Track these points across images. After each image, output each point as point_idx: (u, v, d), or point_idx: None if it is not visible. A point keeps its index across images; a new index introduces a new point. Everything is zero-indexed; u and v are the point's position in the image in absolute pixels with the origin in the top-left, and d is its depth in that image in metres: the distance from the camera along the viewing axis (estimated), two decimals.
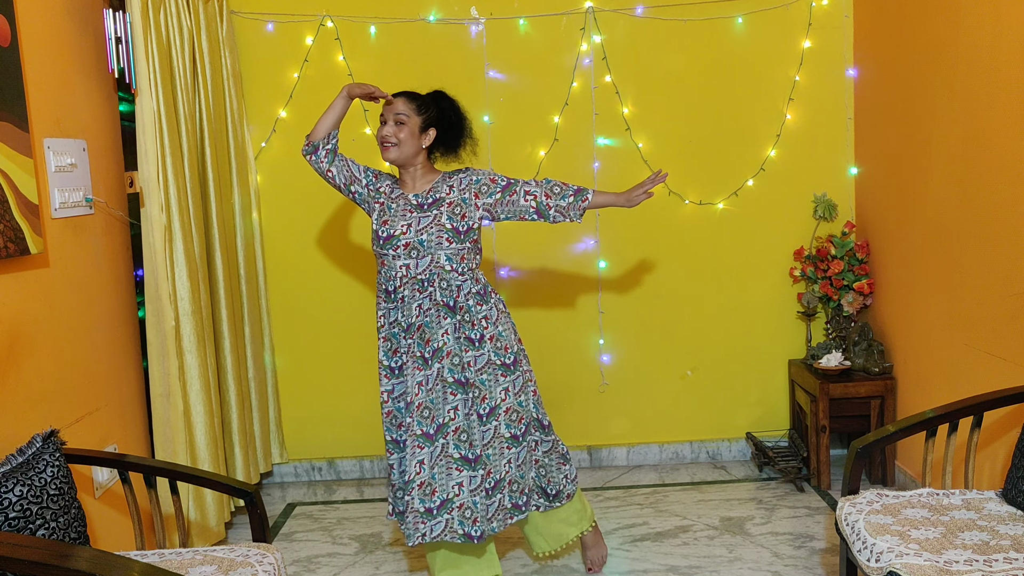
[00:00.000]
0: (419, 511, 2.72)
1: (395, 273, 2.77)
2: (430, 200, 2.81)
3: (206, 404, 3.26)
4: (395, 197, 2.85)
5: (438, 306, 2.76)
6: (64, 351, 2.77)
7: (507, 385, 2.82)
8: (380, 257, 2.81)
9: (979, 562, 2.06)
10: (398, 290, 2.78)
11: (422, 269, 2.76)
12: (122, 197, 3.26)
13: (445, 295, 2.76)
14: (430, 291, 2.76)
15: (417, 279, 2.76)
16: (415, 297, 2.76)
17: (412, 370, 2.76)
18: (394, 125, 2.80)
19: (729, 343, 4.18)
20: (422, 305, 2.76)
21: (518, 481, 2.85)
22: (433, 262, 2.75)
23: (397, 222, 2.79)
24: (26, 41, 2.61)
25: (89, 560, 1.74)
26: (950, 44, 3.13)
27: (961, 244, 3.11)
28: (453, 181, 2.84)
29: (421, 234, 2.76)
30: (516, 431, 2.82)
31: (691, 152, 4.08)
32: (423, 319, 2.76)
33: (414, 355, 2.77)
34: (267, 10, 3.94)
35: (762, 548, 3.24)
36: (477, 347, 2.78)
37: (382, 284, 2.83)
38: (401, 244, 2.76)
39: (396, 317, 2.80)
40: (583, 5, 3.98)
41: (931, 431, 2.61)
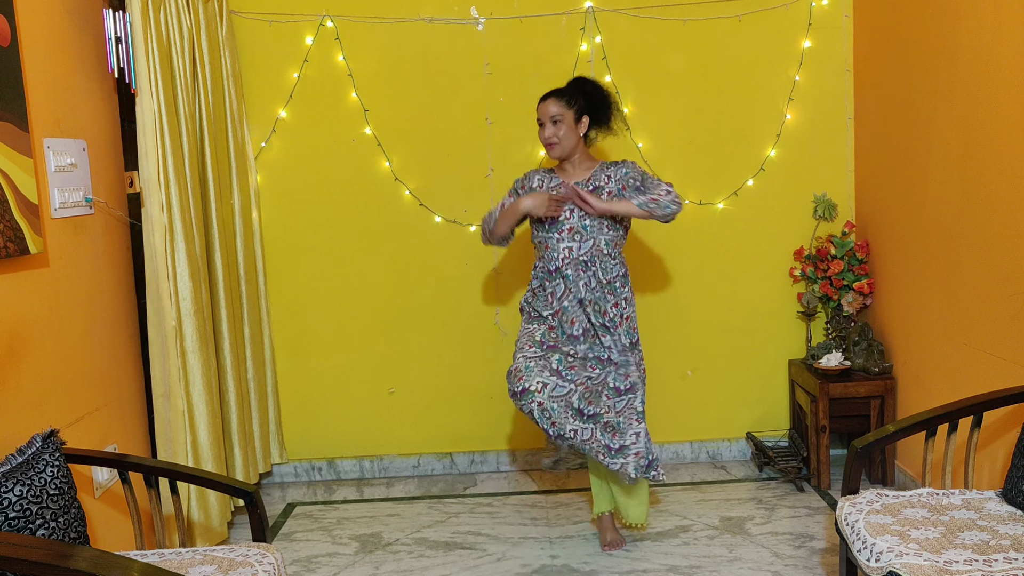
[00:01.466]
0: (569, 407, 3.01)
1: (557, 255, 3.03)
2: (591, 187, 3.06)
3: (209, 404, 3.26)
4: (555, 186, 3.09)
5: (601, 284, 3.04)
6: (64, 351, 2.77)
7: (635, 363, 3.09)
8: (544, 241, 3.08)
9: (979, 562, 2.06)
10: (560, 269, 3.02)
11: (584, 251, 3.03)
12: (122, 197, 3.27)
13: (603, 274, 3.04)
14: (593, 270, 3.03)
15: (580, 260, 3.01)
16: (580, 276, 3.03)
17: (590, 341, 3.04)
18: (552, 125, 3.05)
19: (729, 343, 4.18)
20: (588, 283, 3.03)
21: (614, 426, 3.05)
22: (595, 246, 3.03)
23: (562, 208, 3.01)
24: (26, 41, 2.61)
25: (89, 560, 1.74)
26: (950, 44, 3.13)
27: (961, 244, 3.11)
28: (610, 171, 3.10)
29: (585, 219, 3.01)
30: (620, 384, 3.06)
31: (691, 152, 4.08)
32: (593, 295, 3.03)
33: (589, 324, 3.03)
34: (267, 10, 3.94)
35: (762, 548, 3.24)
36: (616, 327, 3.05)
37: (544, 266, 3.09)
38: (566, 228, 3.01)
39: (563, 292, 3.05)
40: (583, 5, 3.98)
41: (931, 431, 2.61)
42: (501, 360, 4.12)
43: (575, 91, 3.08)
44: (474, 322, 4.14)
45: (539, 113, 3.08)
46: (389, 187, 4.05)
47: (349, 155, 4.05)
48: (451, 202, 4.07)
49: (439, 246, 4.08)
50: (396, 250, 4.10)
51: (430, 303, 4.13)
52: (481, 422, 4.20)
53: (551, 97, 3.06)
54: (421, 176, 4.07)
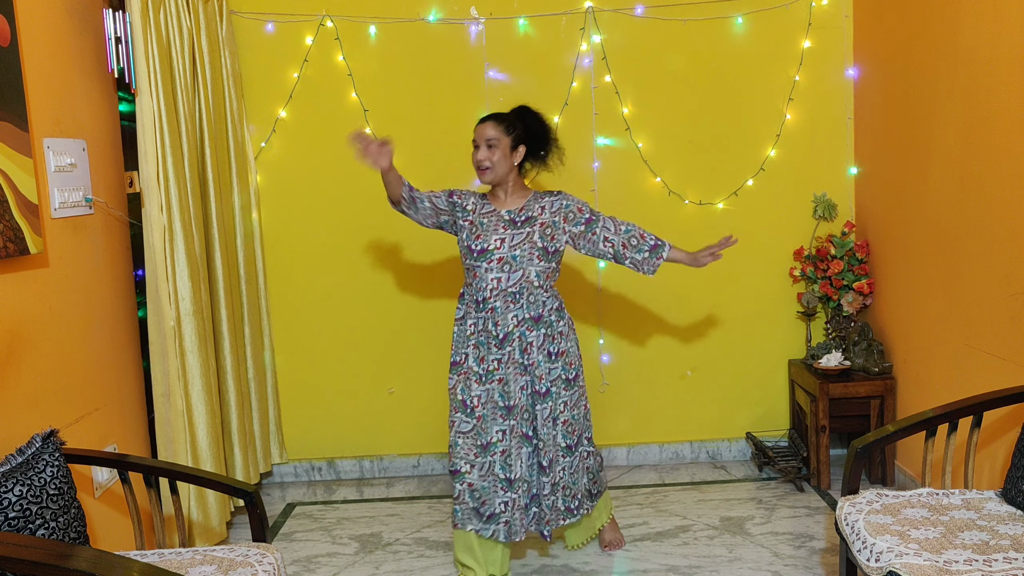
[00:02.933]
0: (521, 507, 2.97)
1: (485, 285, 2.91)
2: (523, 218, 2.96)
3: (208, 404, 3.26)
4: (486, 213, 3.00)
5: (528, 319, 2.94)
6: (64, 351, 2.77)
7: (567, 399, 3.00)
8: (472, 270, 2.95)
9: (979, 562, 2.06)
10: (487, 301, 2.92)
11: (513, 283, 2.92)
12: (122, 197, 3.27)
13: (532, 309, 2.93)
14: (521, 303, 2.93)
15: (508, 291, 2.91)
16: (509, 308, 2.92)
17: (515, 376, 2.93)
18: (487, 149, 2.95)
19: (729, 343, 4.18)
20: (517, 316, 2.93)
21: (571, 487, 3.02)
22: (524, 277, 2.92)
23: (490, 236, 2.94)
24: (26, 41, 2.61)
25: (89, 560, 1.74)
26: (950, 44, 3.13)
27: (961, 244, 3.11)
28: (545, 203, 2.99)
29: (514, 249, 2.92)
30: (570, 441, 3.00)
31: (691, 152, 4.08)
32: (520, 329, 2.93)
33: (516, 362, 2.93)
34: (267, 10, 3.94)
35: (762, 548, 3.24)
36: (552, 360, 2.97)
37: (471, 295, 2.97)
38: (495, 258, 2.92)
39: (487, 327, 2.93)
40: (583, 5, 3.98)
41: (931, 431, 2.61)
42: None
43: (516, 119, 2.98)
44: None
45: (475, 134, 2.96)
46: None
47: (349, 155, 4.02)
48: None
49: (439, 246, 4.08)
50: (396, 250, 4.10)
51: (430, 303, 4.12)
52: None
53: (490, 120, 2.96)
54: (421, 176, 4.05)
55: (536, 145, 3.02)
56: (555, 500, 2.98)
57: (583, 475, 3.06)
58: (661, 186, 4.07)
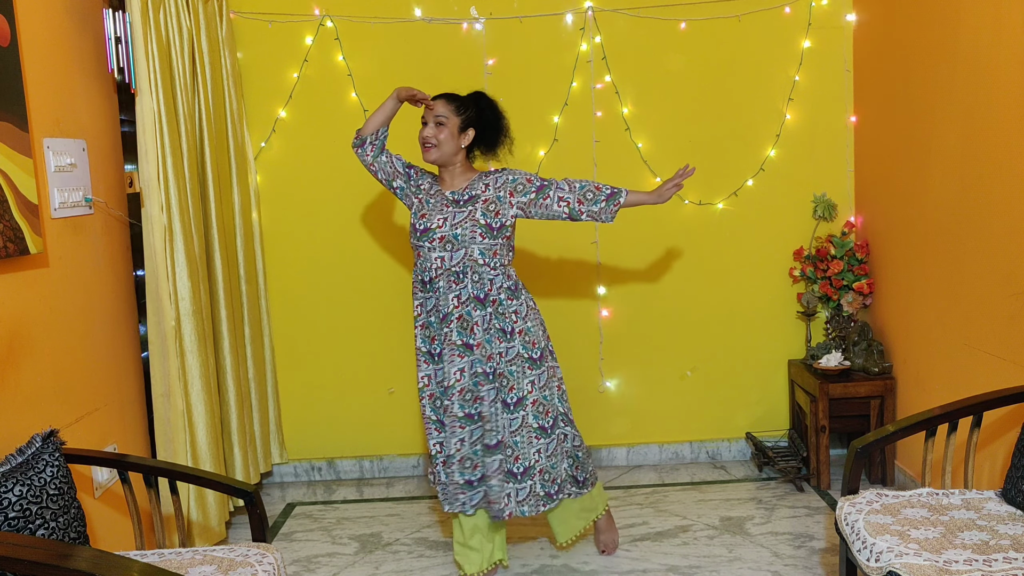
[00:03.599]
0: (459, 483, 2.94)
1: (430, 264, 2.90)
2: (466, 197, 2.93)
3: (207, 404, 3.26)
4: (433, 193, 2.99)
5: (471, 298, 2.89)
6: (64, 351, 2.77)
7: (533, 378, 2.94)
8: (416, 249, 2.95)
9: (979, 562, 2.06)
10: (434, 281, 2.91)
11: (456, 262, 2.88)
12: (122, 197, 3.26)
13: (477, 288, 2.89)
14: (465, 283, 2.89)
15: (452, 271, 2.89)
16: (451, 288, 2.89)
17: (451, 357, 2.91)
18: (434, 127, 2.93)
19: (729, 343, 4.18)
20: (459, 296, 2.89)
21: (549, 471, 2.96)
22: (467, 255, 2.88)
23: (434, 216, 2.92)
24: (26, 41, 2.61)
25: (89, 560, 1.74)
26: (950, 44, 3.13)
27: (961, 244, 3.11)
28: (489, 180, 2.96)
29: (456, 228, 2.88)
30: (544, 423, 2.95)
31: (691, 152, 4.07)
32: (462, 309, 2.90)
33: (452, 343, 2.90)
34: (267, 10, 3.94)
35: (762, 548, 3.24)
36: (508, 339, 2.91)
37: (418, 275, 2.96)
38: (436, 237, 2.89)
39: (433, 305, 2.92)
40: (583, 5, 3.98)
41: (931, 431, 2.61)
42: None
43: (470, 102, 2.96)
44: None
45: (424, 111, 2.95)
46: None
47: (349, 155, 4.03)
48: None
49: None
50: (396, 250, 4.10)
51: None
52: None
53: (442, 98, 2.93)
54: None
55: (487, 131, 2.98)
56: (532, 484, 2.90)
57: (563, 459, 2.99)
58: None
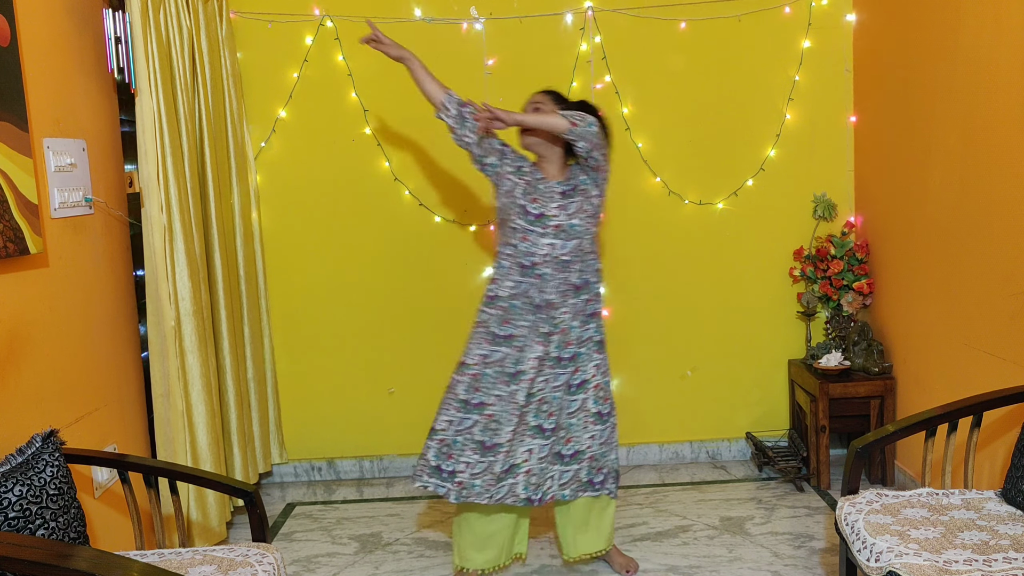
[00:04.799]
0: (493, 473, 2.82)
1: (536, 250, 2.84)
2: (570, 187, 2.91)
3: (207, 404, 3.26)
4: (539, 179, 2.92)
5: (571, 286, 2.87)
6: (64, 351, 2.77)
7: (598, 362, 2.94)
8: (523, 232, 2.85)
9: (978, 562, 2.06)
10: (536, 266, 2.84)
11: (567, 251, 2.85)
12: (122, 197, 3.26)
13: (578, 276, 2.88)
14: (569, 272, 2.86)
15: (560, 259, 2.85)
16: (555, 276, 2.85)
17: (532, 344, 2.84)
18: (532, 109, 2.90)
19: (729, 343, 4.18)
20: (559, 284, 2.86)
21: (599, 459, 2.94)
22: (578, 245, 2.86)
23: (548, 203, 2.86)
24: (26, 41, 2.61)
25: (89, 560, 1.74)
26: (950, 44, 3.13)
27: (961, 244, 3.11)
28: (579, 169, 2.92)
29: (572, 218, 2.85)
30: (602, 409, 2.94)
31: (691, 152, 4.08)
32: (559, 297, 2.86)
33: (538, 330, 2.85)
34: (267, 10, 3.94)
35: (762, 548, 3.24)
36: (589, 321, 2.92)
37: (518, 258, 2.86)
38: (551, 224, 2.84)
39: (527, 290, 2.85)
40: (583, 5, 3.98)
41: (931, 431, 2.61)
42: None
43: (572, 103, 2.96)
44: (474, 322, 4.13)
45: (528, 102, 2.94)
46: (389, 187, 4.05)
47: (349, 155, 4.05)
48: (451, 202, 4.07)
49: (439, 246, 4.08)
50: (396, 250, 4.10)
51: (430, 303, 4.12)
52: None
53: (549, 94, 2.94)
54: (421, 176, 4.07)
55: None
56: (579, 469, 2.89)
57: (613, 451, 2.96)
58: (661, 186, 4.07)
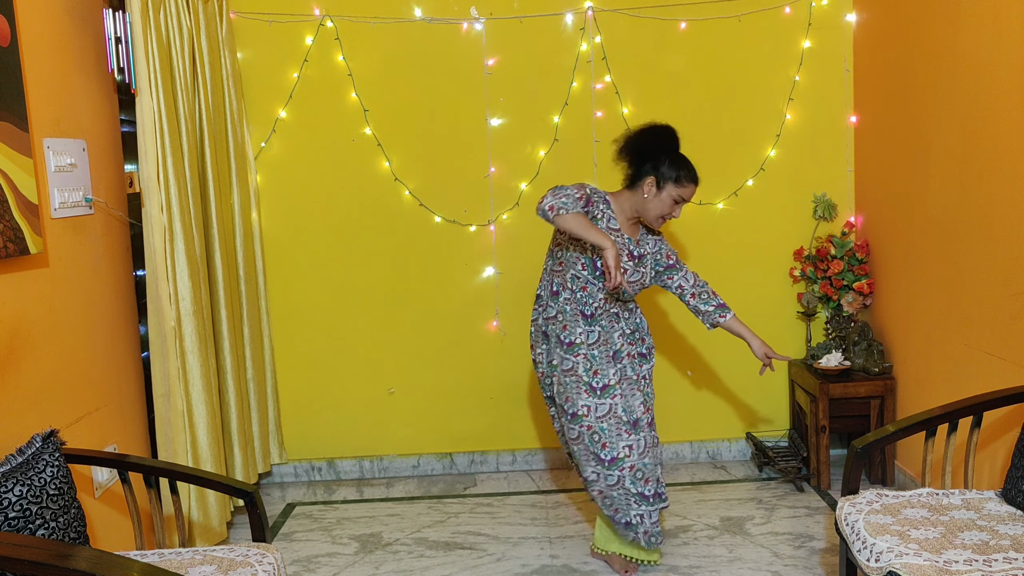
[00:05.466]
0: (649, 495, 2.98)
1: (593, 301, 2.96)
2: (639, 252, 3.04)
3: (208, 404, 3.26)
4: (614, 229, 2.99)
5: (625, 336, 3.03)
6: (64, 351, 2.77)
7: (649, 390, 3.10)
8: (585, 283, 2.94)
9: (979, 562, 2.06)
10: (596, 316, 2.97)
11: (616, 307, 3.02)
12: (122, 197, 3.27)
13: (630, 324, 3.06)
14: (622, 324, 3.02)
15: (611, 312, 3.00)
16: (613, 328, 3.01)
17: (632, 391, 2.99)
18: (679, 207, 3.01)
19: (729, 343, 4.15)
20: (623, 333, 3.02)
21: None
22: (626, 302, 3.06)
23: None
24: (26, 41, 2.61)
25: (89, 560, 1.74)
26: (950, 44, 3.13)
27: (961, 244, 3.11)
28: (651, 240, 3.08)
29: (631, 286, 2.99)
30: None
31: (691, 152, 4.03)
32: (628, 347, 3.02)
33: (629, 378, 3.00)
34: (267, 10, 3.94)
35: (762, 548, 3.24)
36: (648, 360, 3.10)
37: (578, 306, 2.97)
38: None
39: (596, 339, 2.98)
40: (583, 5, 3.98)
41: (931, 431, 2.61)
42: (501, 360, 4.13)
43: None
44: (474, 322, 4.14)
45: (685, 192, 2.98)
46: (389, 187, 4.05)
47: (349, 155, 4.05)
48: (451, 202, 4.07)
49: (439, 246, 4.08)
50: (396, 250, 4.10)
51: (430, 303, 4.12)
52: (481, 422, 4.20)
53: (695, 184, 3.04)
54: (421, 176, 4.07)
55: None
56: None
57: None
58: None
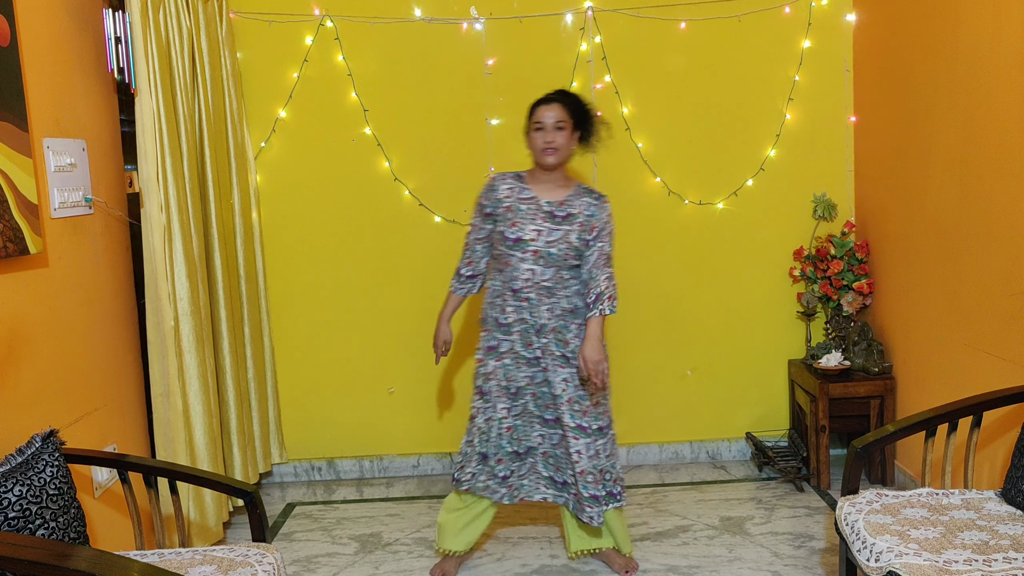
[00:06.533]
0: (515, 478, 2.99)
1: (519, 275, 2.82)
2: (564, 213, 2.83)
3: (205, 404, 3.26)
4: (525, 199, 2.86)
5: (564, 311, 2.84)
6: (64, 351, 2.77)
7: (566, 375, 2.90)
8: (505, 258, 2.84)
9: (978, 562, 2.06)
10: (522, 291, 2.82)
11: (548, 278, 2.82)
12: (122, 197, 3.26)
13: (568, 301, 2.86)
14: (557, 298, 2.83)
15: (542, 285, 2.82)
16: (543, 301, 2.83)
17: (554, 367, 2.85)
18: (555, 130, 2.80)
19: (729, 343, 4.18)
20: (552, 309, 2.83)
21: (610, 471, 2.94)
22: (557, 273, 2.83)
23: (526, 225, 2.81)
24: (26, 41, 2.61)
25: (88, 560, 1.74)
26: (950, 44, 3.13)
27: (961, 244, 3.11)
28: (584, 201, 2.86)
29: (551, 246, 2.80)
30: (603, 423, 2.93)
31: (691, 152, 4.08)
32: (557, 322, 2.85)
33: (553, 354, 2.85)
34: (267, 10, 3.94)
35: (762, 548, 3.24)
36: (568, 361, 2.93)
37: (507, 282, 2.85)
38: (530, 249, 2.80)
39: (524, 316, 2.85)
40: (583, 5, 3.98)
41: (931, 431, 2.61)
42: None
43: (570, 102, 2.86)
44: (473, 321, 4.13)
45: (542, 116, 2.80)
46: (389, 187, 4.05)
47: (349, 155, 4.05)
48: (451, 202, 4.07)
49: (439, 246, 4.08)
50: (396, 250, 4.10)
51: (430, 302, 4.11)
52: None
53: (556, 102, 2.82)
54: (421, 176, 4.07)
55: (586, 129, 2.90)
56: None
57: (617, 459, 2.97)
58: (661, 186, 4.07)
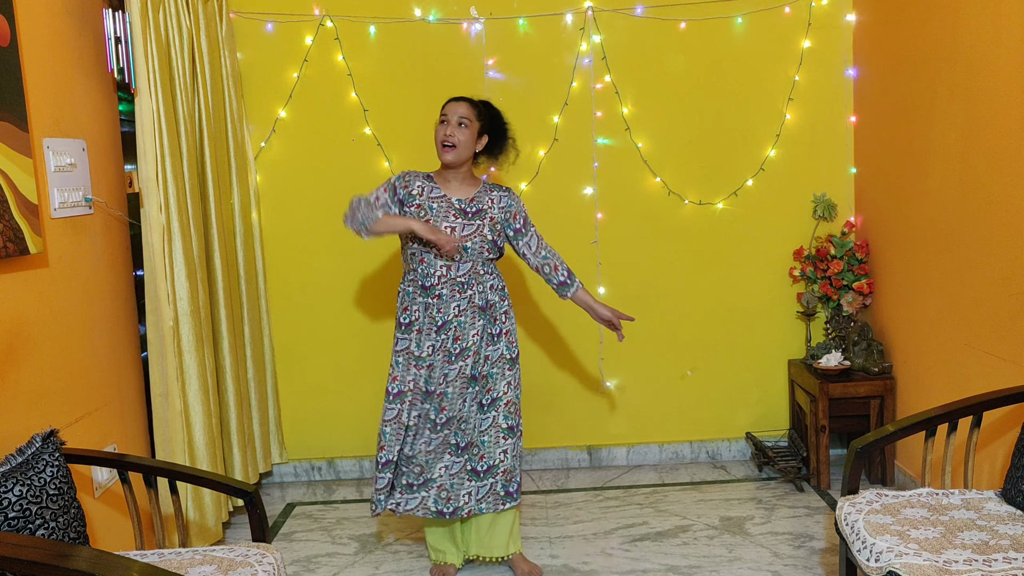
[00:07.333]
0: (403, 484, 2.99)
1: (433, 271, 2.89)
2: (474, 209, 2.94)
3: (204, 404, 3.26)
4: (435, 197, 2.95)
5: (474, 308, 2.91)
6: (64, 351, 2.77)
7: (510, 379, 3.00)
8: (419, 255, 2.91)
9: (978, 562, 2.06)
10: (435, 287, 2.89)
11: (462, 273, 2.90)
12: (122, 197, 3.27)
13: (480, 297, 2.93)
14: (469, 294, 2.91)
15: (456, 280, 2.89)
16: (454, 297, 2.90)
17: (442, 363, 2.93)
18: (456, 127, 2.90)
19: (729, 343, 4.17)
20: (460, 305, 2.90)
21: (511, 471, 2.99)
22: (472, 268, 2.91)
23: (440, 223, 2.90)
24: (26, 41, 2.61)
25: (88, 560, 1.74)
26: (950, 44, 3.13)
27: (961, 244, 3.11)
28: (494, 196, 2.99)
29: (465, 241, 2.89)
30: (512, 423, 3.00)
31: (691, 152, 4.08)
32: (457, 319, 2.91)
33: (445, 350, 2.93)
34: (267, 10, 3.94)
35: (762, 548, 3.24)
36: (496, 342, 2.97)
37: (418, 280, 2.92)
38: None
39: (431, 312, 2.91)
40: (583, 5, 3.98)
41: (930, 431, 2.61)
42: None
43: (483, 108, 3.00)
44: None
45: (447, 110, 2.93)
46: None
47: (349, 155, 4.05)
48: None
49: None
50: (396, 250, 4.10)
51: None
52: None
53: (463, 101, 2.95)
54: None
55: (495, 139, 3.02)
56: (494, 483, 2.96)
57: (520, 461, 3.03)
58: (661, 186, 4.07)
